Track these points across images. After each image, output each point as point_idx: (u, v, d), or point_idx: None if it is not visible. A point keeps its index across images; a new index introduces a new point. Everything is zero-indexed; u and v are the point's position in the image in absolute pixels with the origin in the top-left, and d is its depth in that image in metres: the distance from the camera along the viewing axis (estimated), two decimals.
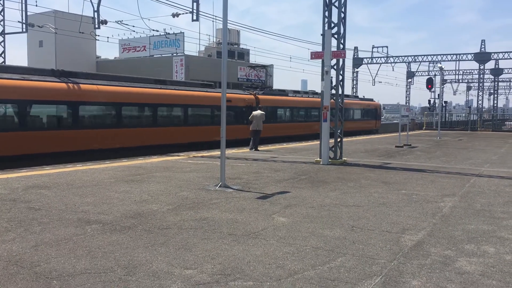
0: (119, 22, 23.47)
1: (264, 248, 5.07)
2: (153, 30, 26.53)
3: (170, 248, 5.01)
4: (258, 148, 17.52)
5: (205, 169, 11.43)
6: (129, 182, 9.27)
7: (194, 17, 19.94)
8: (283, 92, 27.69)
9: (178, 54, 43.40)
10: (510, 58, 51.78)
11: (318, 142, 13.67)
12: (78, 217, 6.30)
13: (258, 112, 17.86)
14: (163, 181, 9.53)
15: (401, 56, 56.49)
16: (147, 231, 5.68)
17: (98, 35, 25.21)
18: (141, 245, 5.11)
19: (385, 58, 55.77)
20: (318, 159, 13.30)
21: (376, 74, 58.86)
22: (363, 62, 56.97)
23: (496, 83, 65.14)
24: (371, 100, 40.62)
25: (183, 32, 43.37)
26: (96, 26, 21.89)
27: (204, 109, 20.72)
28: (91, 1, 21.20)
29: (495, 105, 65.90)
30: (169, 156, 14.63)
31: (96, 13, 21.46)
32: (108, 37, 39.30)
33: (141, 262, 4.55)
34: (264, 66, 29.72)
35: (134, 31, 36.38)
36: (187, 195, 8.00)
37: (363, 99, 39.58)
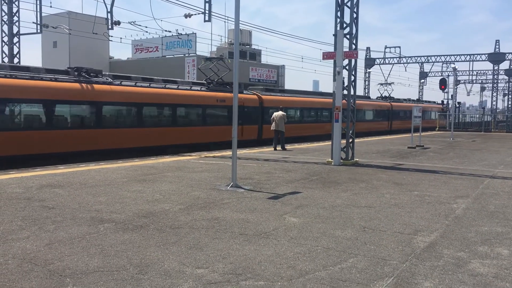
0: (132, 23, 23.65)
1: (275, 248, 5.08)
2: (166, 30, 26.66)
3: (182, 247, 5.04)
4: (285, 148, 17.95)
5: (217, 169, 11.47)
6: (141, 182, 9.33)
7: (206, 18, 20.01)
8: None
9: (190, 54, 43.59)
10: None
11: (330, 143, 13.64)
12: (91, 216, 6.36)
13: (279, 113, 18.15)
14: (175, 181, 9.58)
15: (414, 57, 56.10)
16: (159, 230, 5.72)
17: (111, 36, 25.39)
18: (153, 244, 5.14)
19: (398, 59, 55.42)
20: (330, 159, 13.26)
21: (389, 74, 58.46)
22: (376, 63, 56.67)
23: (510, 83, 64.35)
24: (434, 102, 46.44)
25: (195, 33, 43.54)
26: (109, 27, 22.07)
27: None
28: (104, 2, 21.40)
29: (510, 106, 65.09)
30: (181, 156, 14.69)
31: (109, 14, 21.64)
32: (121, 38, 39.65)
33: (153, 261, 4.59)
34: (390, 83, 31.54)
35: (146, 31, 36.56)
36: (199, 195, 8.03)
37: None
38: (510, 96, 64.33)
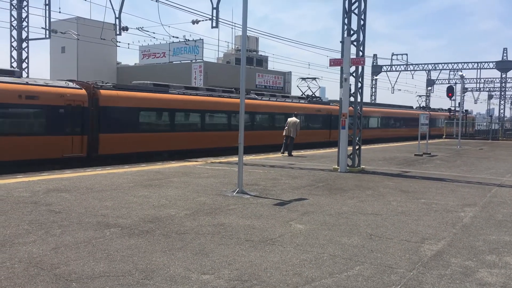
0: (139, 29, 23.79)
1: (281, 254, 5.06)
2: (173, 36, 26.79)
3: (188, 253, 5.03)
4: (292, 154, 18.05)
5: (223, 175, 11.46)
6: (147, 187, 9.35)
7: (214, 24, 20.09)
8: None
9: (197, 60, 43.76)
10: None
11: (336, 150, 13.60)
12: (98, 221, 6.37)
13: (293, 119, 18.57)
14: (181, 186, 9.58)
15: (421, 64, 55.95)
16: (164, 235, 5.71)
17: (119, 42, 25.54)
18: (158, 249, 5.14)
19: (405, 66, 55.31)
20: (336, 166, 13.22)
21: (396, 81, 58.43)
22: (382, 70, 56.58)
23: None
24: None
25: (202, 39, 43.73)
26: (117, 32, 22.21)
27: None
28: (112, 8, 21.56)
29: None
30: (187, 162, 14.71)
31: (117, 20, 21.79)
32: (128, 44, 39.86)
33: (159, 266, 4.58)
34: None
35: (154, 37, 36.81)
36: (205, 201, 8.02)
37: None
38: None
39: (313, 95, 30.49)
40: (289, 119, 18.69)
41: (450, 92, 30.53)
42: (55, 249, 5.04)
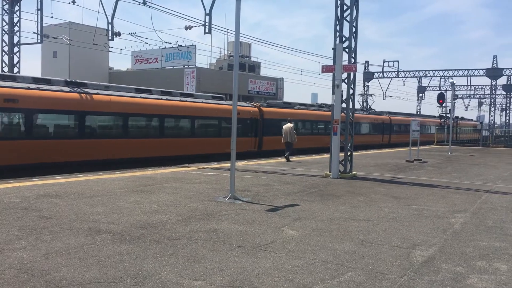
0: (132, 34, 23.75)
1: (273, 260, 5.06)
2: (166, 42, 26.78)
3: (179, 259, 5.02)
4: (290, 159, 18.27)
5: (215, 181, 11.45)
6: (139, 193, 9.31)
7: (206, 30, 20.13)
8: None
9: (190, 66, 43.77)
10: None
11: (328, 156, 13.64)
12: (89, 226, 6.34)
13: (288, 125, 18.87)
14: (173, 192, 9.56)
15: (412, 71, 56.45)
16: (156, 241, 5.69)
17: (112, 47, 25.51)
18: (150, 255, 5.12)
19: (396, 73, 55.74)
20: (328, 172, 13.26)
21: (387, 88, 58.81)
22: (374, 76, 56.96)
23: (508, 99, 64.65)
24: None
25: (195, 45, 43.77)
26: (110, 38, 22.17)
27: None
28: (105, 13, 21.53)
29: (507, 121, 65.34)
30: (179, 167, 14.68)
31: (109, 25, 21.75)
32: (121, 49, 39.77)
33: (150, 272, 4.56)
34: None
35: (146, 43, 36.70)
36: (197, 206, 8.01)
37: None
38: (507, 111, 64.61)
39: (370, 107, 41.15)
40: (284, 126, 18.94)
41: (441, 99, 30.79)
42: (45, 255, 5.00)
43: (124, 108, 17.38)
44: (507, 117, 64.32)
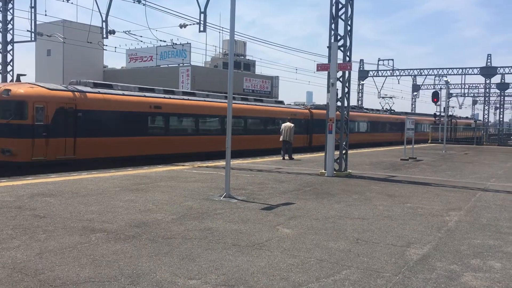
0: (126, 32, 23.64)
1: (268, 259, 5.05)
2: (160, 40, 26.67)
3: (174, 258, 5.00)
4: (293, 157, 18.56)
5: (210, 179, 11.44)
6: (133, 191, 9.28)
7: (201, 28, 20.07)
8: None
9: (185, 64, 43.66)
10: None
11: (324, 154, 13.66)
12: (83, 225, 6.31)
13: (287, 124, 18.92)
14: (168, 190, 9.54)
15: (407, 69, 56.56)
16: (151, 240, 5.68)
17: (106, 45, 25.41)
18: (145, 254, 5.10)
19: (391, 71, 55.83)
20: (323, 170, 13.28)
21: (382, 86, 58.90)
22: (369, 75, 57.03)
23: (502, 97, 64.97)
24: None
25: (190, 43, 43.67)
26: (104, 36, 22.07)
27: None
28: (99, 11, 21.42)
29: (501, 119, 65.68)
30: (174, 166, 14.65)
31: (104, 23, 21.66)
32: (115, 47, 39.75)
33: (145, 271, 4.55)
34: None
35: (141, 41, 36.51)
36: (192, 205, 7.99)
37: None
38: (501, 110, 64.90)
39: (391, 108, 46.26)
40: (284, 124, 19.00)
41: (436, 97, 30.85)
42: (39, 255, 4.97)
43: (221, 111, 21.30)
44: (501, 116, 64.63)
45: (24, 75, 17.51)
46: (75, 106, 15.95)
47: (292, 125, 19.00)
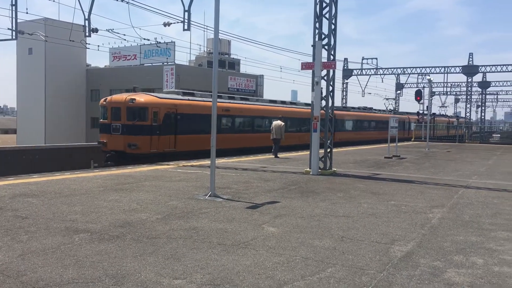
0: (109, 31, 23.39)
1: (254, 258, 5.05)
2: (144, 39, 26.47)
3: (159, 257, 4.97)
4: (278, 156, 18.79)
5: (195, 179, 11.40)
6: (118, 191, 9.20)
7: (185, 27, 19.95)
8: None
9: (169, 63, 43.41)
10: (497, 72, 52.52)
11: (308, 152, 13.71)
12: (66, 226, 6.23)
13: (278, 122, 19.34)
14: (152, 190, 9.47)
15: (391, 68, 57.06)
16: (135, 240, 5.63)
17: (89, 44, 25.14)
18: (129, 254, 5.06)
19: (375, 70, 56.28)
20: (308, 169, 13.32)
21: (366, 85, 59.36)
22: (353, 74, 57.41)
23: (483, 95, 65.97)
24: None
25: (174, 42, 43.44)
26: (87, 34, 21.80)
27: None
28: (82, 9, 21.15)
29: (483, 117, 66.67)
30: (159, 165, 14.56)
31: (86, 21, 21.39)
32: (98, 46, 39.10)
33: (130, 271, 4.51)
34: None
35: (125, 39, 36.18)
36: (177, 205, 7.95)
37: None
38: (483, 108, 65.88)
39: (395, 108, 51.62)
40: (274, 122, 19.39)
41: (419, 95, 31.20)
42: (21, 256, 4.90)
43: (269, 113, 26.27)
44: (483, 114, 65.60)
45: (137, 87, 22.31)
46: (176, 111, 20.55)
47: (283, 123, 19.39)
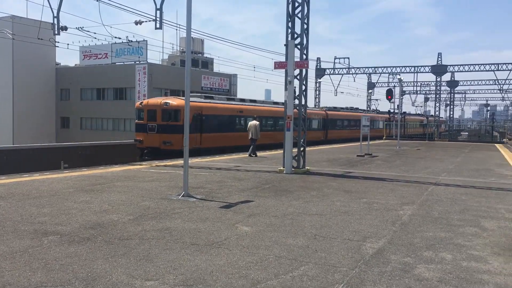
0: (79, 29, 22.97)
1: (227, 257, 5.04)
2: (115, 37, 26.07)
3: (131, 259, 4.90)
4: (257, 154, 19.08)
5: (168, 179, 11.29)
6: (89, 192, 9.04)
7: (157, 25, 19.74)
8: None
9: (141, 62, 42.88)
10: (465, 71, 53.82)
11: (282, 151, 13.76)
12: (35, 229, 6.09)
13: (253, 122, 19.72)
14: (125, 190, 9.34)
15: (362, 68, 57.79)
16: (107, 242, 5.54)
17: (58, 42, 24.58)
18: (100, 256, 4.97)
19: (347, 69, 56.91)
20: (282, 168, 13.37)
21: (338, 84, 60.04)
22: (326, 73, 57.91)
23: (452, 94, 67.50)
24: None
25: (146, 40, 42.89)
26: (56, 32, 21.33)
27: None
28: (50, 7, 20.67)
29: (451, 116, 68.24)
30: (131, 165, 14.37)
31: (55, 19, 20.93)
32: (68, 44, 38.39)
33: (100, 274, 4.43)
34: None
35: (95, 38, 35.58)
36: (149, 205, 7.86)
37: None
38: (451, 107, 67.43)
39: (377, 109, 57.02)
40: (250, 123, 19.85)
41: (390, 94, 31.65)
42: None
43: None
44: (451, 112, 67.13)
45: (168, 91, 25.29)
46: (201, 112, 23.33)
47: (258, 122, 19.80)
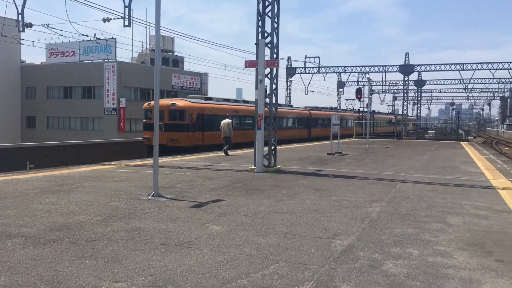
0: (45, 26, 22.41)
1: (198, 257, 5.00)
2: (83, 35, 25.60)
3: (99, 260, 4.81)
4: (228, 153, 18.98)
5: (138, 178, 11.15)
6: (55, 193, 8.83)
7: (126, 23, 19.46)
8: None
9: (110, 60, 42.17)
10: (432, 71, 55.10)
11: (253, 150, 13.77)
12: None
13: (226, 120, 19.95)
14: (93, 191, 9.17)
15: (332, 67, 58.46)
16: (73, 243, 5.42)
17: (23, 39, 23.93)
18: (67, 258, 4.86)
19: (317, 68, 57.45)
20: (253, 167, 13.39)
21: (309, 83, 60.50)
22: (296, 72, 58.33)
23: (419, 93, 68.99)
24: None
25: (115, 38, 42.26)
26: (20, 29, 20.76)
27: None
28: (14, 3, 20.10)
29: (419, 114, 69.73)
30: (100, 165, 14.12)
31: (20, 16, 20.37)
32: (33, 41, 37.48)
33: (67, 276, 4.33)
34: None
35: (62, 35, 34.78)
36: (118, 205, 7.74)
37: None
38: (419, 105, 68.89)
39: (353, 108, 57.84)
40: (223, 121, 19.96)
41: (359, 93, 32.12)
42: None
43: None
44: (419, 111, 68.60)
45: (173, 93, 26.24)
46: (203, 112, 25.85)
47: (230, 121, 20.06)
